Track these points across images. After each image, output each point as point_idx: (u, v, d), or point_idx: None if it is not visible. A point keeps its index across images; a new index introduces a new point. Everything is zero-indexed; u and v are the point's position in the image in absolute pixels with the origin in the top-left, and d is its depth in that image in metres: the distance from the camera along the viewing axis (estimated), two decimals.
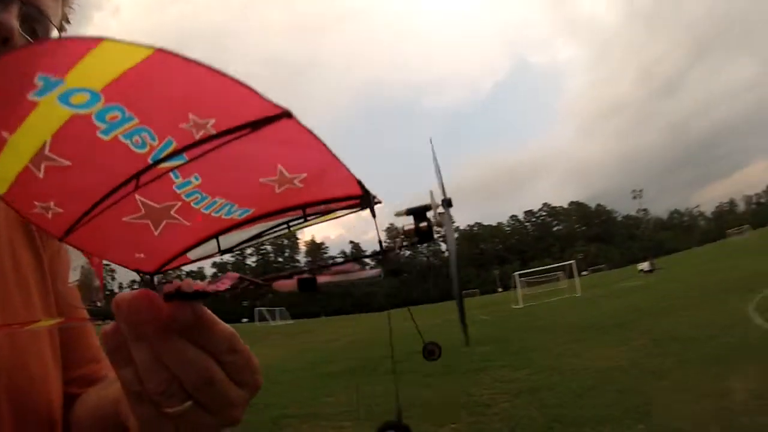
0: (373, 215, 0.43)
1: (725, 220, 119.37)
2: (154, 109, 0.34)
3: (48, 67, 0.31)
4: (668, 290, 17.41)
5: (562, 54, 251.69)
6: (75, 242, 0.44)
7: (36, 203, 0.41)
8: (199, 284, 0.40)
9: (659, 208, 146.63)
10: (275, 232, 0.50)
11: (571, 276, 32.04)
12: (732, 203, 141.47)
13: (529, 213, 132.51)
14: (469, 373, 8.27)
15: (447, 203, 0.50)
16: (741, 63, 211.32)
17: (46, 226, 0.42)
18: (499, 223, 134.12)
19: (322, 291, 0.40)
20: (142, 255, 0.47)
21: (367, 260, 0.45)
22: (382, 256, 0.44)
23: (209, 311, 0.42)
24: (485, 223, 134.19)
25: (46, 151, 0.36)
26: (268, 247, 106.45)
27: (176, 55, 0.31)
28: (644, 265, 38.97)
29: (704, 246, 71.49)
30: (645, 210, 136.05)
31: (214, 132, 0.33)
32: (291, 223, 0.48)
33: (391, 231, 0.45)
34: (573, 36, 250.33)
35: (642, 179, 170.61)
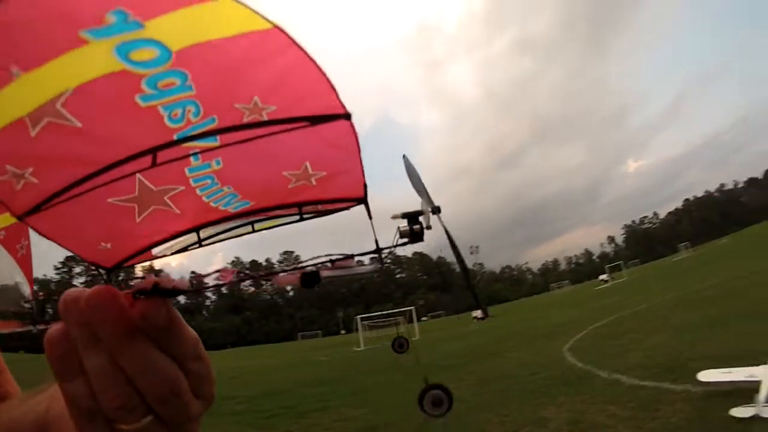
0: (370, 217, 0.48)
1: (549, 276, 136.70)
2: (218, 84, 0.32)
3: (134, 3, 0.29)
4: (498, 335, 18.76)
5: (423, 117, 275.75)
6: (34, 223, 0.38)
7: (8, 167, 0.34)
8: (176, 280, 0.37)
9: (493, 262, 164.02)
10: (239, 228, 0.48)
11: (411, 321, 33.58)
12: (555, 262, 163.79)
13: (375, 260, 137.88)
14: (310, 413, 8.14)
15: (436, 210, 0.57)
16: (571, 149, 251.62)
17: (7, 198, 0.35)
18: None
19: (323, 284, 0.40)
20: (108, 245, 0.42)
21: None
22: (378, 253, 0.49)
23: (178, 312, 0.38)
24: None
25: (58, 105, 0.31)
26: None
27: (289, 37, 0.31)
28: (478, 313, 42.05)
29: (531, 297, 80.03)
30: (481, 264, 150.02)
31: (266, 119, 0.32)
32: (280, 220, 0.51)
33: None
34: (436, 103, 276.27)
35: (479, 237, 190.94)
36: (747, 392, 4.02)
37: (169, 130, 0.33)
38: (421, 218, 0.46)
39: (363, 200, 0.38)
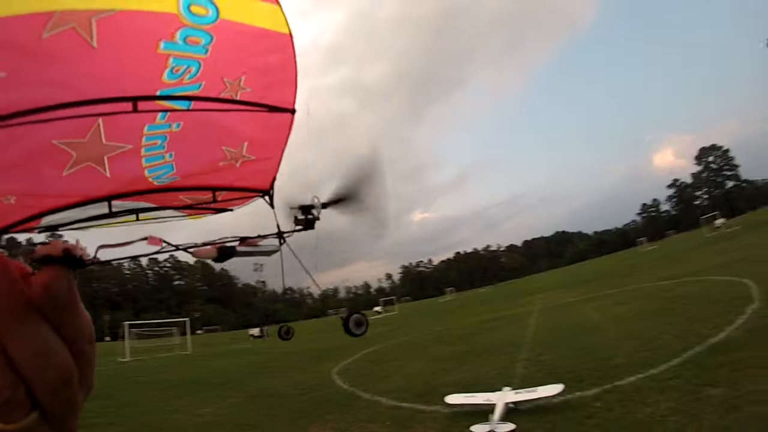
0: (272, 206, 0.58)
1: (329, 302, 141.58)
2: (225, 58, 0.40)
3: None
4: (272, 354, 18.69)
5: None
6: None
7: None
8: (83, 248, 0.32)
9: (276, 282, 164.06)
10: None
11: (184, 333, 31.45)
12: (336, 290, 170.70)
13: (153, 261, 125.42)
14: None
15: (324, 205, 0.76)
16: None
17: None
18: (120, 265, 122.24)
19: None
20: (12, 200, 0.48)
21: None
22: (279, 235, 0.57)
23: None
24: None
25: (94, 19, 0.33)
26: None
27: (293, 46, 0.42)
28: (255, 331, 41.24)
29: (310, 320, 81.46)
30: (264, 282, 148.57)
31: (238, 98, 0.43)
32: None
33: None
34: None
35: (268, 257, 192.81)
36: (484, 413, 4.80)
37: (158, 84, 0.36)
38: (313, 210, 0.56)
39: (268, 192, 0.49)
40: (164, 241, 0.28)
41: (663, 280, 15.87)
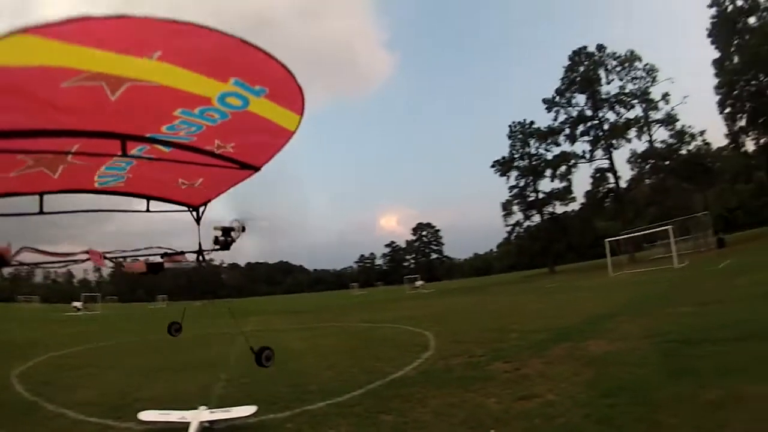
0: (198, 223, 1.09)
1: (20, 285, 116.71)
2: (232, 129, 1.22)
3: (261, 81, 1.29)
4: None
5: None
6: None
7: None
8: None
9: None
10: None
11: None
12: (32, 273, 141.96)
13: None
14: None
15: (243, 228, 1.15)
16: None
17: None
18: None
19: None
20: None
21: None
22: (199, 252, 1.01)
23: None
24: None
25: (123, 86, 0.99)
26: None
27: (290, 137, 1.69)
28: None
29: None
30: None
31: (218, 153, 1.30)
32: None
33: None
34: None
35: None
36: (179, 431, 4.81)
37: (154, 131, 0.55)
38: (232, 233, 0.77)
39: (196, 208, 0.67)
40: (104, 257, 0.41)
41: (364, 322, 17.94)
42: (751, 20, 44.17)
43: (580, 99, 56.82)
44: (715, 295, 11.74)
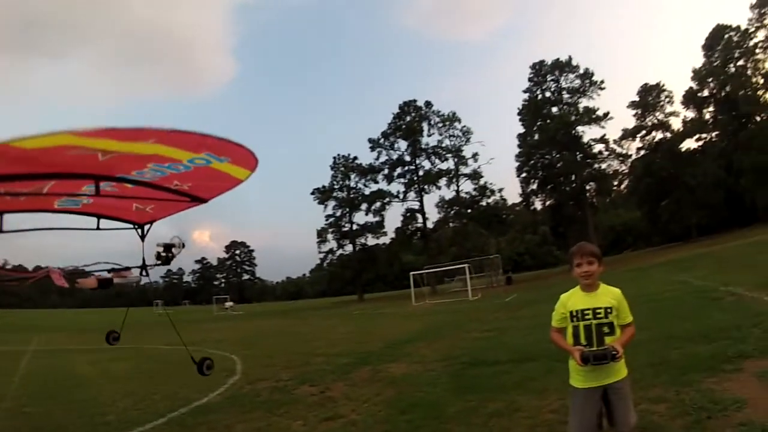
0: (143, 240, 1.75)
1: None
2: (187, 177, 2.09)
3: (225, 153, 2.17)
4: None
5: None
6: None
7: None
8: None
9: None
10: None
11: None
12: None
13: None
14: None
15: (182, 245, 2.18)
16: None
17: None
18: None
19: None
20: None
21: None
22: (143, 267, 1.72)
23: None
24: None
25: (112, 152, 1.71)
26: None
27: (239, 184, 2.41)
28: None
29: None
30: None
31: (175, 188, 2.07)
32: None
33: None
34: None
35: None
36: None
37: (124, 173, 0.72)
38: (173, 249, 0.72)
39: (141, 226, 0.70)
40: (63, 276, 0.34)
41: (167, 344, 16.61)
42: (554, 109, 55.90)
43: (402, 145, 61.53)
44: (501, 324, 13.35)
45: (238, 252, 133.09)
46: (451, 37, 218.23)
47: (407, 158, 61.02)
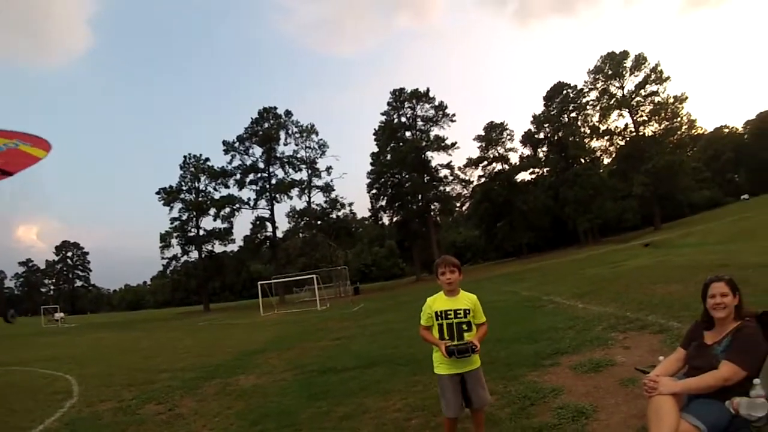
0: None
1: None
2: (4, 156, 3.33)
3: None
4: None
5: None
6: None
7: None
8: None
9: None
10: None
11: None
12: None
13: None
14: None
15: None
16: None
17: None
18: None
19: None
20: None
21: None
22: None
23: None
24: None
25: None
26: None
27: (37, 161, 3.50)
28: None
29: None
30: None
31: None
32: None
33: None
34: None
35: None
36: None
37: None
38: None
39: None
40: None
41: None
42: (408, 134, 61.76)
43: (258, 151, 60.13)
44: (348, 332, 13.71)
45: (70, 254, 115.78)
46: (322, 51, 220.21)
47: (261, 165, 59.99)
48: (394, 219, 62.70)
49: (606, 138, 63.48)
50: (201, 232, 59.46)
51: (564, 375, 5.31)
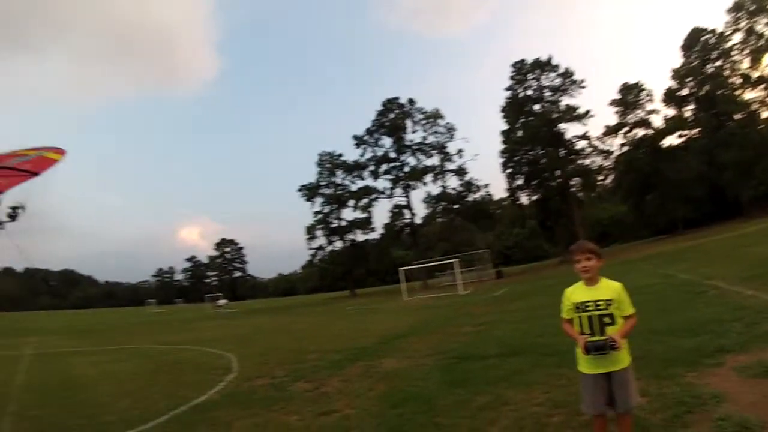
0: None
1: None
2: (28, 162, 4.50)
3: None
4: None
5: None
6: None
7: None
8: None
9: None
10: None
11: None
12: None
13: None
14: None
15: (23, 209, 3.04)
16: None
17: None
18: None
19: None
20: None
21: None
22: None
23: None
24: None
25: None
26: None
27: (55, 163, 4.58)
28: None
29: None
30: None
31: (26, 167, 4.18)
32: None
33: None
34: None
35: None
36: None
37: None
38: (18, 210, 0.84)
39: None
40: None
41: (163, 344, 16.59)
42: (536, 107, 56.47)
43: (387, 141, 61.27)
44: (491, 317, 13.47)
45: (228, 250, 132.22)
46: (433, 35, 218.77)
47: (392, 155, 60.79)
48: (533, 198, 58.43)
49: (762, 87, 50.89)
50: (343, 223, 62.24)
51: (728, 378, 4.57)
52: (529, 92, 57.29)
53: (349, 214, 62.38)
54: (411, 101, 61.25)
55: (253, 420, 5.72)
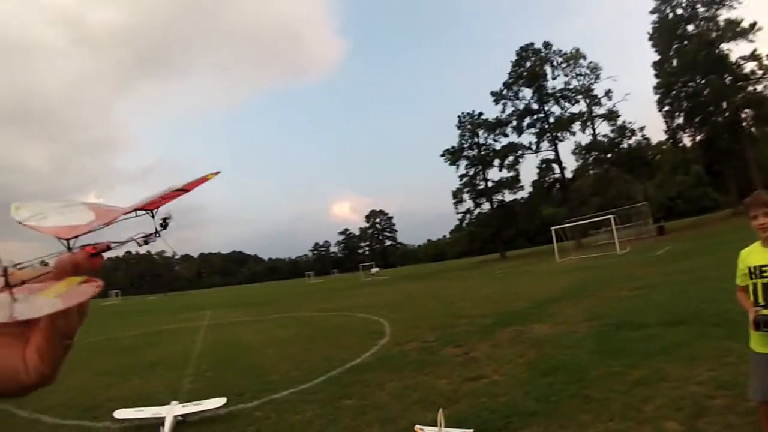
0: (153, 218, 0.69)
1: None
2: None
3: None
4: None
5: None
6: None
7: None
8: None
9: None
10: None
11: None
12: None
13: None
14: None
15: (170, 217, 0.79)
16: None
17: None
18: None
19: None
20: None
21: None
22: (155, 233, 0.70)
23: None
24: None
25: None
26: None
27: (205, 181, 0.77)
28: None
29: None
30: None
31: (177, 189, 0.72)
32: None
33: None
34: None
35: None
36: (154, 427, 5.00)
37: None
38: (167, 220, 0.77)
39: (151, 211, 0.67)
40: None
41: (320, 311, 17.98)
42: (690, 27, 46.77)
43: (527, 93, 57.72)
44: (651, 280, 12.61)
45: (378, 220, 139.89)
46: None
47: (534, 106, 57.31)
48: (697, 138, 49.00)
49: None
50: (489, 184, 60.95)
51: None
52: (679, 11, 47.73)
53: (495, 174, 60.95)
54: (547, 44, 56.88)
55: (403, 383, 6.09)
